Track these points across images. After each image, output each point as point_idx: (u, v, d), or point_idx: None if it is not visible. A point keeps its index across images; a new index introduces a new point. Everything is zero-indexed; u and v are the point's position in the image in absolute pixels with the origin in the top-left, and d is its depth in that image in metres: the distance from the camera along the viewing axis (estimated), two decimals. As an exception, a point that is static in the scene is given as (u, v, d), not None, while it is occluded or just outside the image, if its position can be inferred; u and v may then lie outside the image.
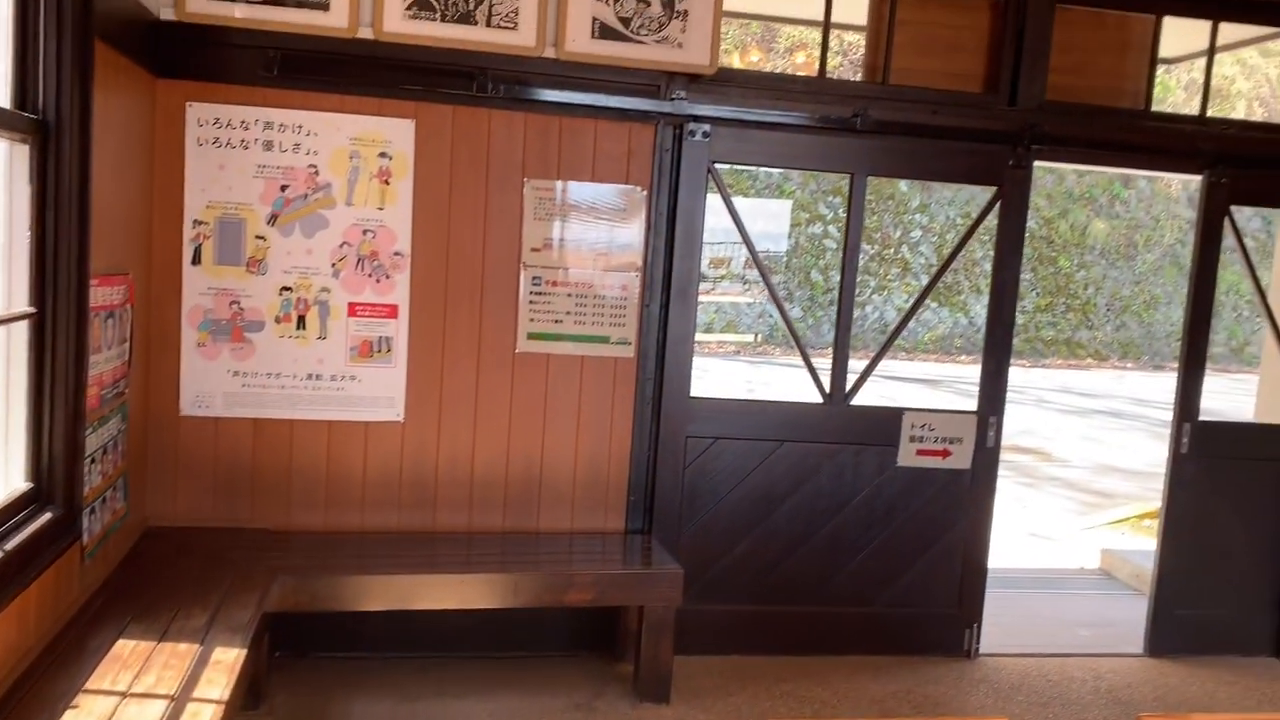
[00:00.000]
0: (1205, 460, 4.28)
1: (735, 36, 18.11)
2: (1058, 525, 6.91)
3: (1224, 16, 4.30)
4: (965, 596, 4.19)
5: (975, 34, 4.16)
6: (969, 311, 18.69)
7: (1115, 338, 20.09)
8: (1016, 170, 4.06)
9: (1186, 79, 20.40)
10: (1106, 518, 6.73)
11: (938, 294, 18.75)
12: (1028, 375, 17.14)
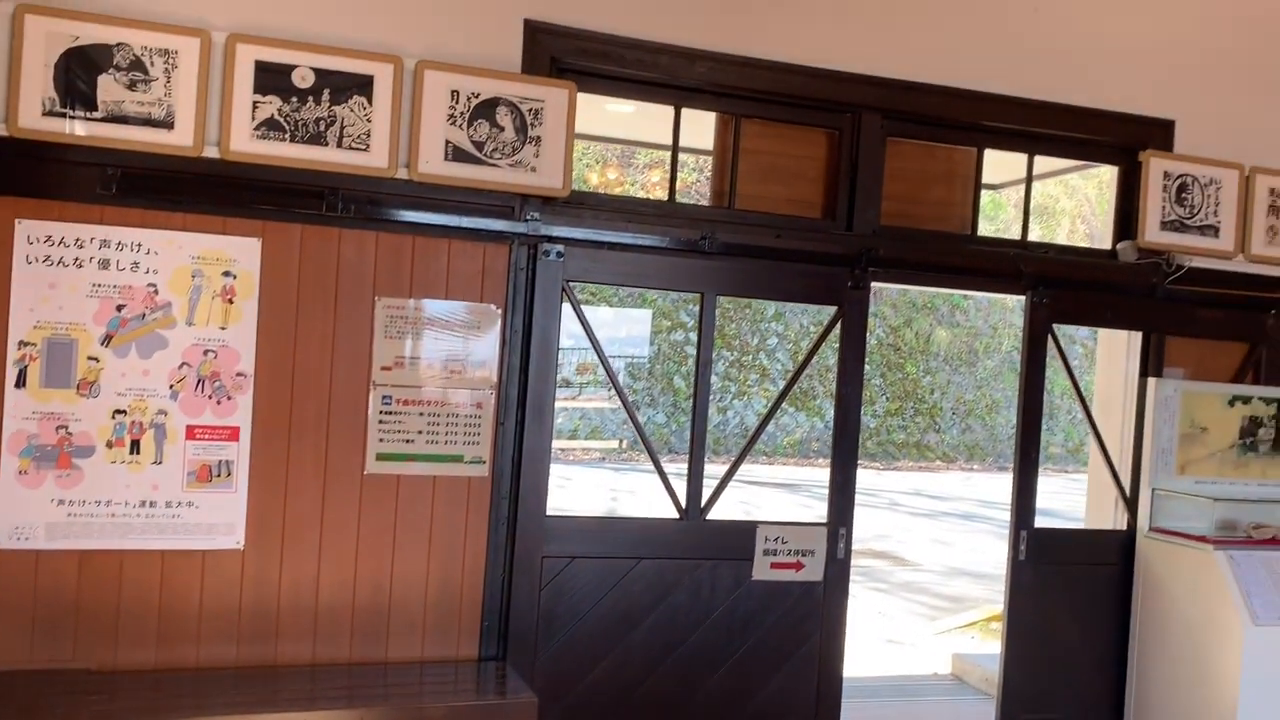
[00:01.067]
0: (1042, 566, 4.48)
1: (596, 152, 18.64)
2: (911, 631, 7.06)
3: (1038, 150, 4.67)
4: (822, 709, 4.21)
5: (814, 163, 4.40)
6: (824, 416, 19.28)
7: (961, 440, 21.02)
8: (855, 291, 4.25)
9: (1016, 197, 21.99)
10: (957, 622, 6.93)
11: (794, 399, 19.31)
12: (881, 478, 17.70)
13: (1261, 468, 4.68)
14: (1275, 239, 4.85)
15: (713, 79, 4.06)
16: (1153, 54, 4.70)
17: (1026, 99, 4.47)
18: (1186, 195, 4.67)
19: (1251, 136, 4.84)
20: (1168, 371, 4.75)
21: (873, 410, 20.37)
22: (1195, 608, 4.24)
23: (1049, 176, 6.68)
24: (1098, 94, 4.58)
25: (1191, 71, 4.77)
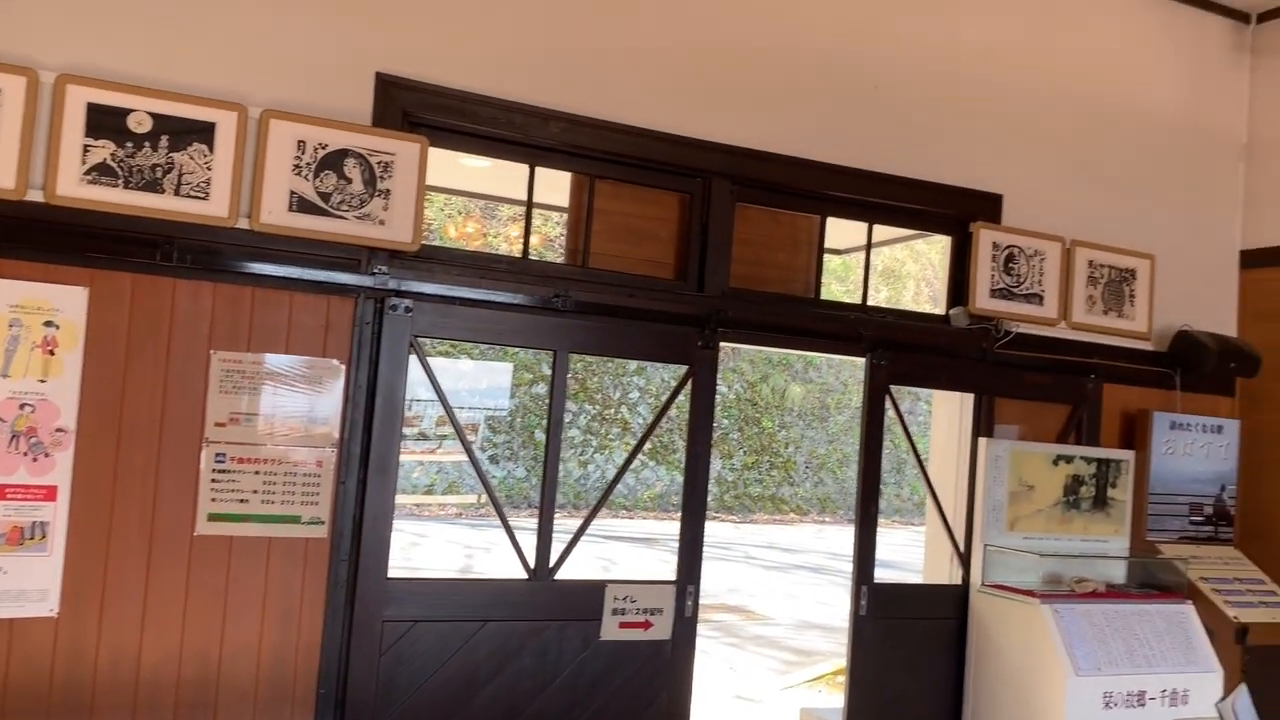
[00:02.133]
0: (882, 620, 4.60)
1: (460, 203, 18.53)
2: (762, 686, 7.13)
3: (877, 219, 4.89)
4: (669, 770, 4.19)
5: (667, 225, 4.49)
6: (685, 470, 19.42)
7: (814, 493, 21.52)
8: (705, 350, 4.33)
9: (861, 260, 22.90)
10: (805, 676, 7.03)
11: (655, 453, 19.42)
12: (737, 531, 17.92)
13: (1084, 524, 4.94)
14: (1094, 308, 5.19)
15: (566, 139, 4.10)
16: (984, 132, 5.00)
17: (867, 171, 4.69)
18: (1014, 265, 4.96)
19: (1072, 211, 5.19)
20: (1000, 431, 5.00)
21: (731, 464, 20.67)
22: (1023, 659, 4.42)
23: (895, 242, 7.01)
24: (933, 168, 4.84)
25: (1018, 150, 5.10)
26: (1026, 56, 5.13)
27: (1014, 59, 5.10)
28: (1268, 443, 5.43)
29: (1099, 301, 5.20)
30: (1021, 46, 5.12)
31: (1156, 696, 4.40)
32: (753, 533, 17.96)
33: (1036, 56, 5.16)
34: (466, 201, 18.40)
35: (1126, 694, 4.33)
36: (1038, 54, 5.17)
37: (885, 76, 4.76)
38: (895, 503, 21.20)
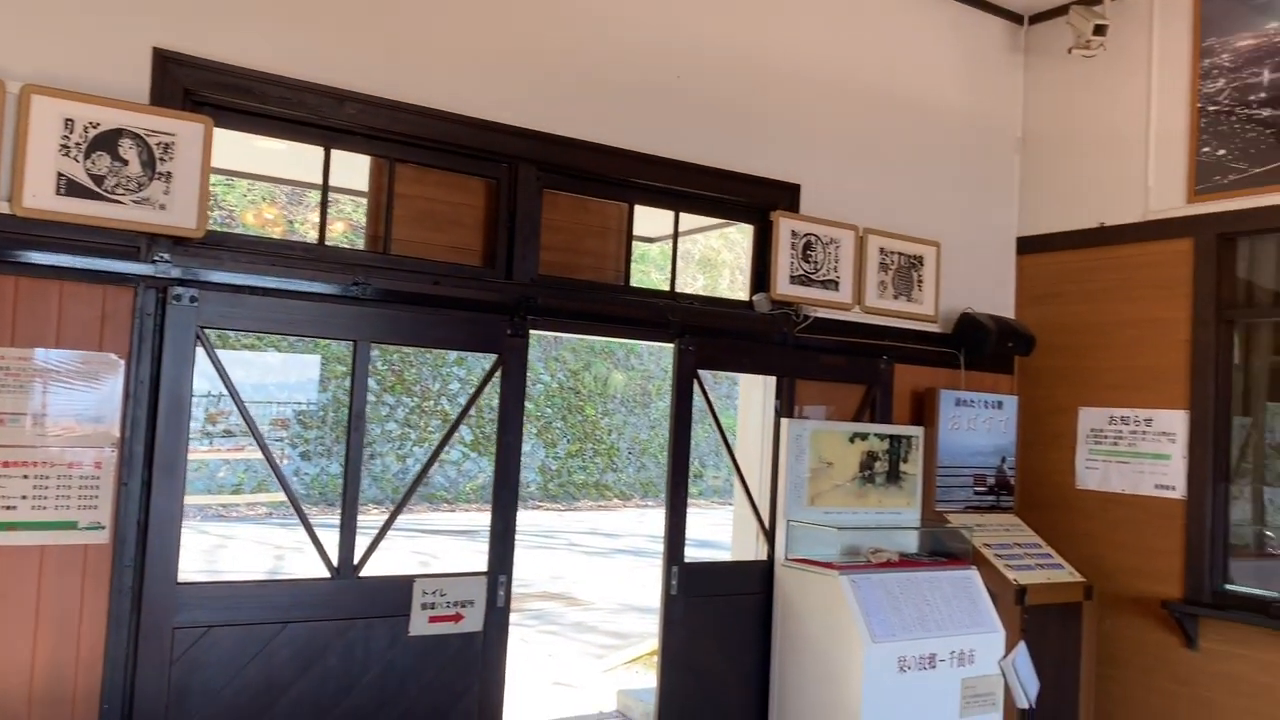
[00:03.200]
0: (692, 599, 4.71)
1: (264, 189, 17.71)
2: (580, 671, 7.17)
3: (683, 208, 4.97)
4: (483, 762, 4.16)
5: (473, 211, 4.42)
6: (506, 460, 19.30)
7: (637, 478, 21.83)
8: (515, 339, 4.30)
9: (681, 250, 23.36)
10: (623, 658, 7.12)
11: (478, 444, 19.21)
12: (561, 519, 17.99)
13: (878, 497, 5.20)
14: (885, 292, 5.46)
15: (363, 121, 3.98)
16: (783, 124, 5.17)
17: (673, 160, 4.76)
18: (812, 252, 5.15)
19: (865, 201, 5.44)
20: (810, 410, 5.19)
21: (554, 453, 20.70)
22: (824, 628, 4.62)
23: (703, 231, 7.15)
24: (735, 158, 4.97)
25: (815, 142, 5.29)
26: (823, 52, 5.33)
27: (812, 54, 5.29)
28: (1042, 416, 5.87)
29: (890, 286, 5.47)
30: (819, 42, 5.31)
31: (946, 658, 4.68)
32: (576, 520, 18.06)
33: (833, 52, 5.37)
34: (271, 187, 17.62)
35: (918, 657, 4.59)
36: (834, 50, 5.38)
37: (688, 67, 4.84)
38: (715, 483, 21.77)
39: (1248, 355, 5.25)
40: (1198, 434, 5.15)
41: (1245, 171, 5.02)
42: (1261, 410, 5.26)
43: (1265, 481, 5.27)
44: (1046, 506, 5.79)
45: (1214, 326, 5.13)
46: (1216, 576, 5.07)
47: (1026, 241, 6.06)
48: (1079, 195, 5.79)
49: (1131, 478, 5.42)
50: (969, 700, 4.74)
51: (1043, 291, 5.96)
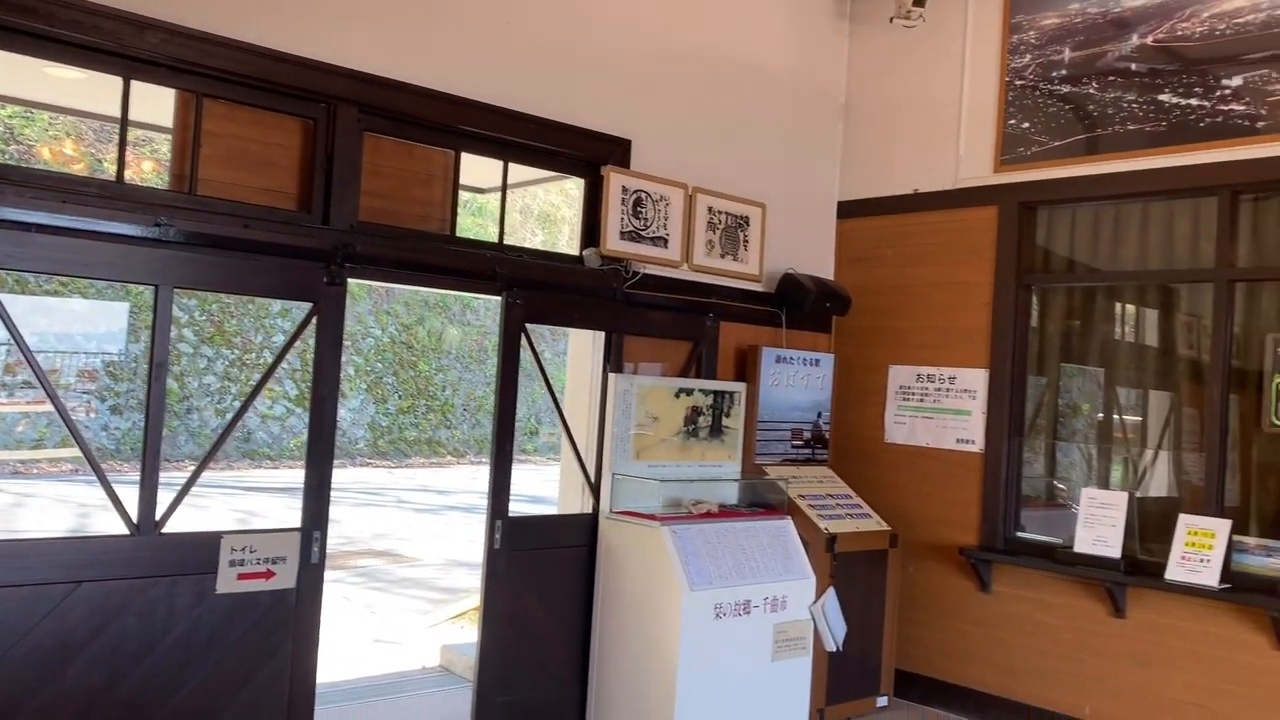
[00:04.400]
0: (516, 552, 4.71)
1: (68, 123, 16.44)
2: (405, 627, 7.09)
3: (511, 158, 4.90)
4: (295, 718, 4.06)
5: (288, 152, 4.22)
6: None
7: (471, 435, 21.62)
8: (331, 287, 4.15)
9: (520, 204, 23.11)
10: (449, 613, 7.08)
11: (302, 399, 18.56)
12: (391, 476, 17.66)
13: (702, 451, 5.32)
14: (713, 251, 5.55)
15: (168, 52, 3.73)
16: (615, 78, 5.15)
17: (501, 108, 4.67)
18: (642, 209, 5.18)
19: (694, 159, 5.50)
20: (637, 366, 5.24)
21: (385, 409, 20.25)
22: (645, 578, 4.71)
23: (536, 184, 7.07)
24: (566, 110, 4.92)
25: (647, 98, 5.30)
26: (656, 9, 5.33)
27: (645, 11, 5.27)
28: (856, 374, 6.12)
29: (718, 245, 5.57)
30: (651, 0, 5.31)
31: (760, 604, 4.86)
32: (407, 477, 17.77)
33: (665, 10, 5.37)
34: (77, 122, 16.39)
35: (734, 604, 4.74)
36: (666, 8, 5.38)
37: (519, 15, 4.75)
38: (551, 440, 21.79)
39: (1044, 319, 5.61)
40: (996, 392, 5.49)
41: (1046, 144, 5.33)
42: (1056, 371, 5.65)
43: (1057, 437, 5.67)
44: (858, 459, 6.07)
45: (1014, 291, 5.46)
46: (1009, 525, 5.44)
47: (847, 205, 6.27)
48: (896, 162, 6.02)
49: (936, 432, 5.74)
50: (781, 644, 4.94)
51: (861, 254, 6.19)
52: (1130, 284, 5.35)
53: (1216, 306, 4.78)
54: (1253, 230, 4.79)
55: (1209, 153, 4.76)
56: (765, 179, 5.88)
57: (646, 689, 4.64)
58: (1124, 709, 4.89)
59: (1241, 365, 4.82)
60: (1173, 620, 4.75)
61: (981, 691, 5.42)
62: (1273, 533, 4.68)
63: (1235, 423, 4.81)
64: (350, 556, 9.63)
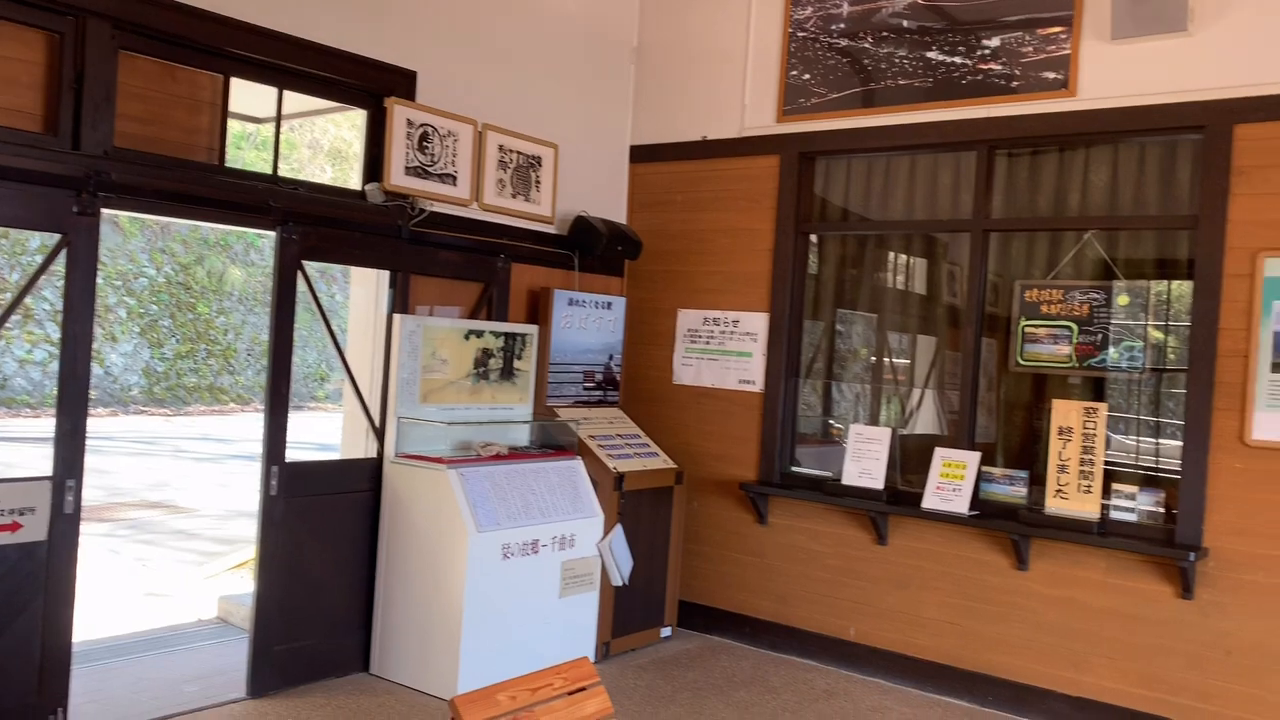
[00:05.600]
0: (294, 499, 4.56)
1: None
2: (179, 579, 6.76)
3: (287, 85, 4.64)
4: (47, 681, 3.79)
5: (31, 69, 3.84)
6: (104, 361, 17.50)
7: (256, 381, 20.65)
8: (83, 218, 3.84)
9: (308, 139, 22.03)
10: (227, 564, 6.79)
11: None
12: (169, 425, 16.68)
13: (492, 393, 5.29)
14: (504, 191, 5.48)
15: (-124, -55, 3.29)
16: (399, 5, 4.95)
17: (274, 31, 4.42)
18: (428, 144, 5.03)
19: (485, 96, 5.38)
20: (425, 308, 5.13)
21: (161, 354, 19.02)
22: (432, 522, 4.67)
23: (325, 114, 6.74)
24: (346, 37, 4.70)
25: (434, 29, 5.13)
26: (442, -66, 5.15)
27: (430, -65, 5.09)
28: (647, 317, 6.23)
29: (509, 185, 5.50)
30: (438, -77, 5.12)
31: (548, 543, 4.92)
32: (186, 425, 16.83)
33: (452, -64, 5.20)
34: None
35: (522, 544, 4.78)
36: (453, -67, 5.21)
37: (294, -69, 4.49)
38: (341, 386, 21.12)
39: (823, 266, 5.87)
40: (775, 335, 5.71)
41: (825, 96, 5.54)
42: (833, 315, 5.93)
43: (833, 378, 5.98)
44: (648, 400, 6.20)
45: (793, 238, 5.67)
46: (785, 460, 5.71)
47: (639, 150, 6.32)
48: (687, 108, 6.11)
49: (720, 373, 5.93)
50: (569, 581, 5.03)
51: (652, 199, 6.27)
52: (897, 233, 5.67)
53: (972, 255, 5.13)
54: (1007, 183, 5.16)
55: (969, 109, 5.07)
56: (558, 119, 5.84)
57: (432, 631, 4.62)
58: (884, 628, 5.27)
59: (994, 311, 5.21)
60: (928, 545, 5.14)
61: (758, 619, 5.71)
62: (1016, 463, 5.12)
63: (992, 364, 5.22)
64: (120, 508, 9.04)
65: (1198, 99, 4.46)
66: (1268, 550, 4.25)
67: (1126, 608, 4.57)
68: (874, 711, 4.77)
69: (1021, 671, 4.83)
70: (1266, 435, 4.25)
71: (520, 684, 2.42)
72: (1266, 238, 4.30)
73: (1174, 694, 4.44)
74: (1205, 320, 4.42)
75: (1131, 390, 5.03)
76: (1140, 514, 4.57)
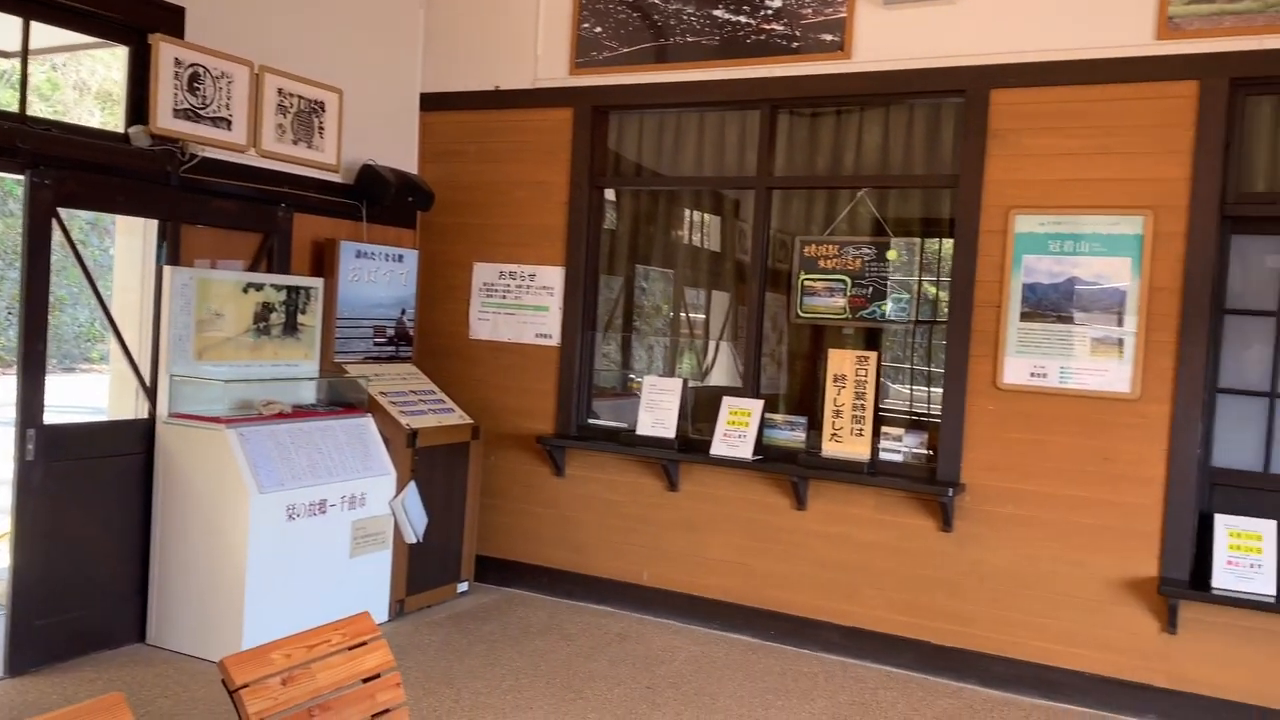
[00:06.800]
0: (55, 463, 4.25)
1: None
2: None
3: (35, 16, 4.25)
4: None
5: None
6: None
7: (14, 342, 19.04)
8: None
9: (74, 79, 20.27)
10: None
11: None
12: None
13: (274, 350, 5.07)
14: (284, 137, 5.23)
15: None
16: (162, -65, 4.62)
17: (16, -46, 4.03)
18: (199, 85, 4.74)
19: (261, 36, 5.10)
20: (199, 259, 4.85)
21: (-99, 312, 17.18)
22: (210, 484, 4.46)
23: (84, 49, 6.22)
24: (102, -35, 4.35)
25: (204, -38, 4.82)
26: None
27: None
28: (441, 270, 6.13)
29: (289, 131, 5.26)
30: None
31: (337, 503, 4.80)
32: (-64, 390, 15.31)
33: None
34: None
35: (309, 504, 4.64)
36: None
37: None
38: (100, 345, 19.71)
39: (620, 220, 5.93)
40: (571, 289, 5.74)
41: (617, 50, 5.56)
42: (630, 270, 6.01)
43: (631, 331, 6.07)
44: (443, 355, 6.12)
45: (587, 191, 5.70)
46: (581, 413, 5.78)
47: (430, 98, 6.16)
48: (479, 58, 6.00)
49: (517, 328, 5.92)
50: (360, 540, 4.93)
51: (445, 149, 6.14)
52: (687, 189, 5.79)
53: (757, 211, 5.31)
54: (789, 142, 5.35)
55: (753, 68, 5.22)
56: (343, 64, 5.61)
57: (214, 597, 4.44)
58: (676, 570, 5.45)
59: (779, 266, 5.42)
60: (716, 490, 5.34)
61: (556, 569, 5.78)
62: (798, 410, 5.37)
63: (780, 317, 5.43)
64: None
65: (959, 64, 4.75)
66: (1016, 484, 4.65)
67: (894, 541, 4.91)
68: (664, 651, 4.95)
69: (800, 605, 5.12)
70: (1015, 379, 4.64)
71: (296, 641, 2.37)
72: (1018, 196, 4.66)
73: (934, 619, 4.82)
74: (964, 273, 4.76)
75: (905, 340, 5.37)
76: (906, 454, 4.91)
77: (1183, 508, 4.33)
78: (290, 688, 2.26)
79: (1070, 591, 4.55)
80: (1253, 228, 4.38)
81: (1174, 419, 4.34)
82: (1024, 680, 4.63)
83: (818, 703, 4.40)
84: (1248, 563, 4.18)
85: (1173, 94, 4.37)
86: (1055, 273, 4.56)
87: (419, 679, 4.40)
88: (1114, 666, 4.47)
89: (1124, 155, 4.45)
